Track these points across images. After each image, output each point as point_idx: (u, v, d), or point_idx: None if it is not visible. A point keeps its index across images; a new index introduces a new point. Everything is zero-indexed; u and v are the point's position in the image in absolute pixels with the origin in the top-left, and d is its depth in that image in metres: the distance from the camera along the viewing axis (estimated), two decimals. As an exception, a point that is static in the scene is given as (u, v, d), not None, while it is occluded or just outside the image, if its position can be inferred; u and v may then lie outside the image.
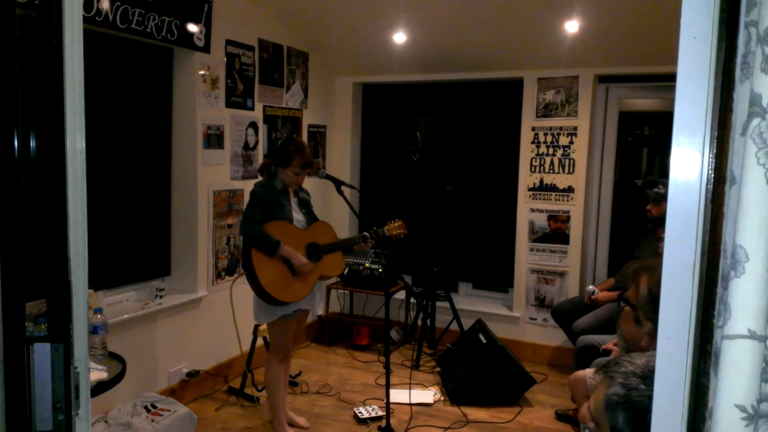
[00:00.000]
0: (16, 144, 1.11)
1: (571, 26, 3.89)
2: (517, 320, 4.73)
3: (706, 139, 0.69)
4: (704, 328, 0.69)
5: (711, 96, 0.68)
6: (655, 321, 1.67)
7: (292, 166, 3.11)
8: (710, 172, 0.69)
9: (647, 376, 1.07)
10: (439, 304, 4.75)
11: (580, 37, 3.98)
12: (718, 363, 0.56)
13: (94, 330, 2.56)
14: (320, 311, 3.48)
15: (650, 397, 1.05)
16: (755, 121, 0.62)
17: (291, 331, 3.24)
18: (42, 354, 1.17)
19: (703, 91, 0.69)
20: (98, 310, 2.66)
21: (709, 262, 0.69)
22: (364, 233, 3.26)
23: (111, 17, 3.02)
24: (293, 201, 3.22)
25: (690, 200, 0.70)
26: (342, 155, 5.26)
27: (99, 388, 2.34)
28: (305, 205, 3.28)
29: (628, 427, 1.05)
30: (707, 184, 0.69)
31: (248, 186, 4.12)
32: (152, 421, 3.07)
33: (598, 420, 1.11)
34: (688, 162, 0.71)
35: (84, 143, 1.16)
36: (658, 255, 3.37)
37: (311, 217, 3.29)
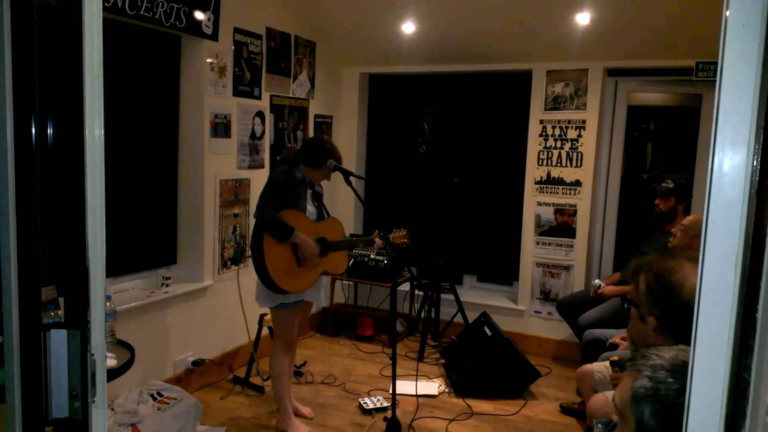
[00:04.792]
0: (33, 132, 1.10)
1: (582, 18, 3.85)
2: (521, 313, 4.72)
3: (752, 130, 0.68)
4: (746, 322, 0.68)
5: (758, 85, 0.67)
6: (657, 315, 1.67)
7: (324, 167, 3.15)
8: (756, 163, 0.68)
9: (675, 370, 1.06)
10: (443, 296, 4.74)
11: (591, 29, 3.95)
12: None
13: (102, 318, 2.55)
14: (324, 303, 3.52)
15: (678, 391, 1.04)
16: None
17: (296, 321, 3.24)
18: (58, 341, 1.16)
19: (751, 80, 0.67)
20: (107, 298, 2.65)
21: (753, 256, 0.67)
22: (373, 234, 3.35)
23: (120, 3, 3.00)
24: (308, 193, 3.23)
25: (734, 192, 0.69)
26: (348, 146, 5.23)
27: (108, 376, 2.34)
28: (318, 198, 3.29)
29: (655, 420, 1.04)
30: (752, 176, 0.68)
31: (255, 175, 4.12)
32: (158, 409, 3.08)
33: (623, 413, 1.10)
34: (732, 153, 0.70)
35: (103, 129, 1.15)
36: (666, 249, 3.37)
37: (322, 211, 3.31)
